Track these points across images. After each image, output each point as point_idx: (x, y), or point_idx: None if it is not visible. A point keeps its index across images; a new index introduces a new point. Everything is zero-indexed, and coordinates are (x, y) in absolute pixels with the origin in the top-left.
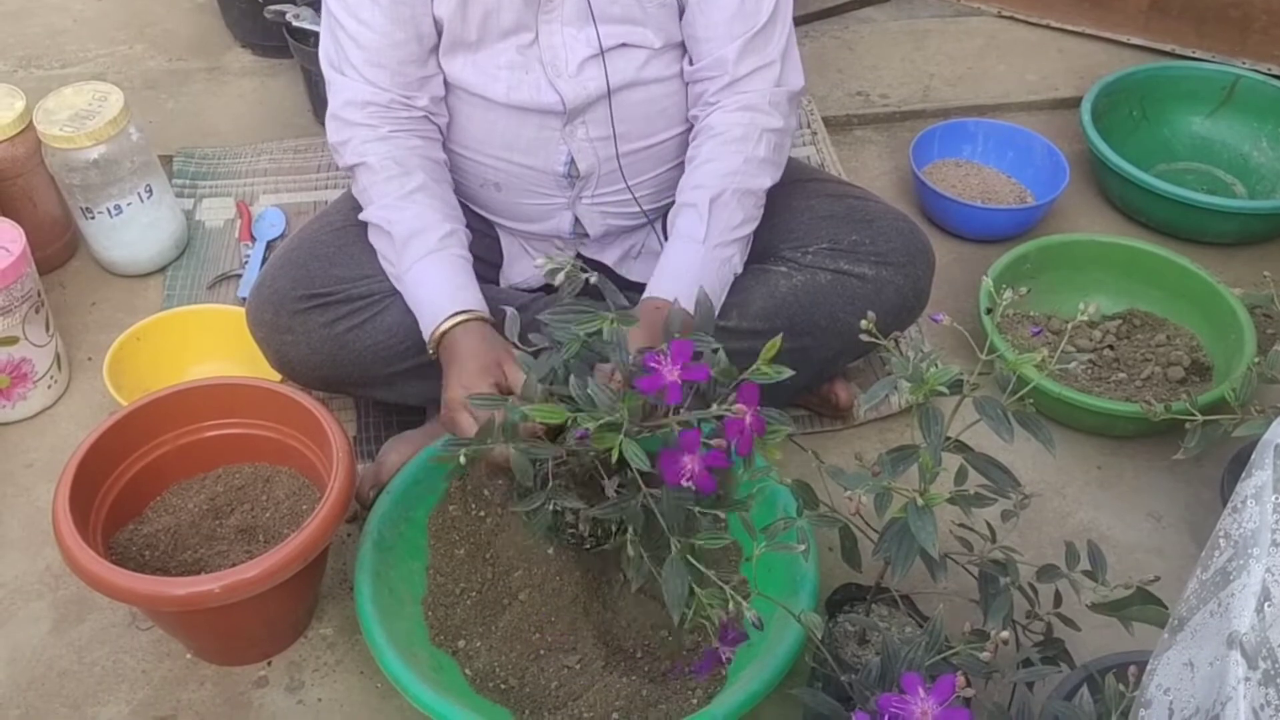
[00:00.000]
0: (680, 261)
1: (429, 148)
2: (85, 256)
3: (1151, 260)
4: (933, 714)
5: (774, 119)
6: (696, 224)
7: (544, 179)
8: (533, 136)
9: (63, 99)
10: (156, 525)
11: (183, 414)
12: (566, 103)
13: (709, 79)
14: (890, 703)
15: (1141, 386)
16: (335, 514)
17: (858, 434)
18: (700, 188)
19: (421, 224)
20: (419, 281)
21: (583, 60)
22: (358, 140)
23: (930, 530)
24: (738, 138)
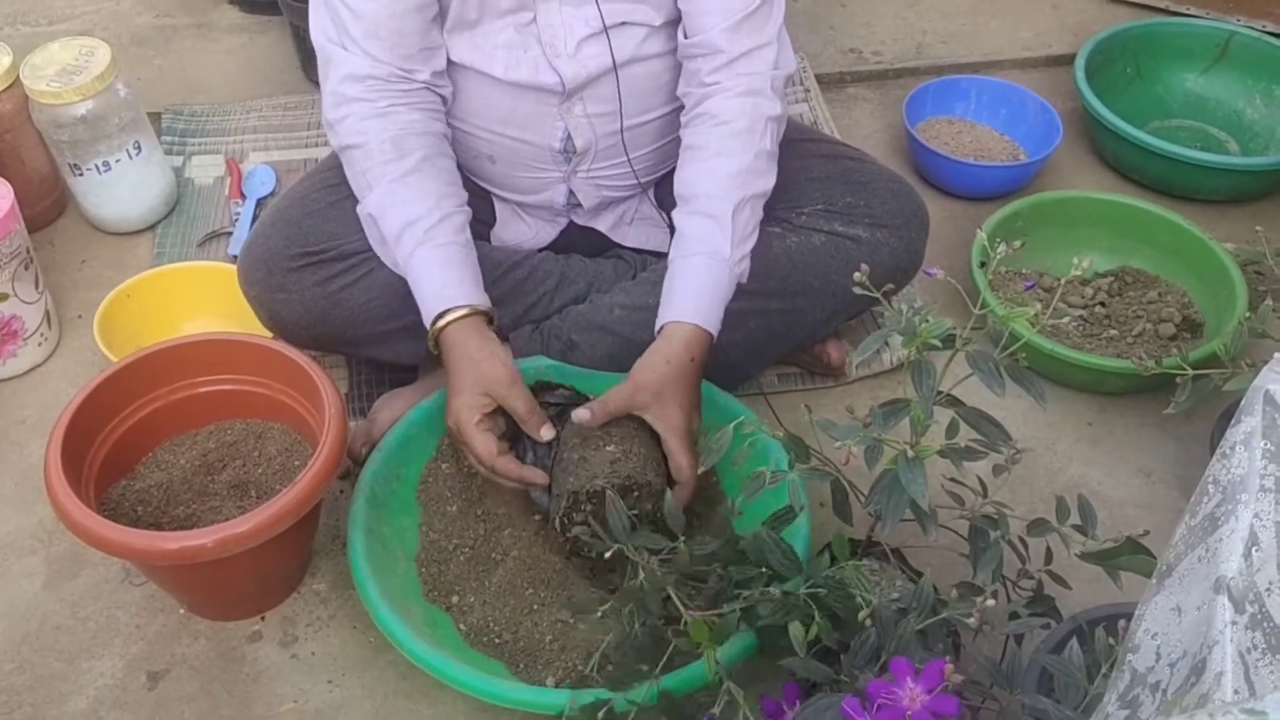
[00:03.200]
0: (707, 282)
1: (428, 121)
2: (74, 214)
3: (1144, 217)
4: (922, 701)
5: (775, 105)
6: (720, 240)
7: (540, 154)
8: (529, 112)
9: (49, 54)
10: (149, 481)
11: (175, 370)
12: (566, 82)
13: (703, 56)
14: (880, 690)
15: (1133, 343)
16: (327, 470)
17: (849, 391)
18: (716, 197)
19: (413, 213)
20: (416, 275)
21: (581, 39)
22: (355, 117)
23: (920, 481)
24: (744, 130)
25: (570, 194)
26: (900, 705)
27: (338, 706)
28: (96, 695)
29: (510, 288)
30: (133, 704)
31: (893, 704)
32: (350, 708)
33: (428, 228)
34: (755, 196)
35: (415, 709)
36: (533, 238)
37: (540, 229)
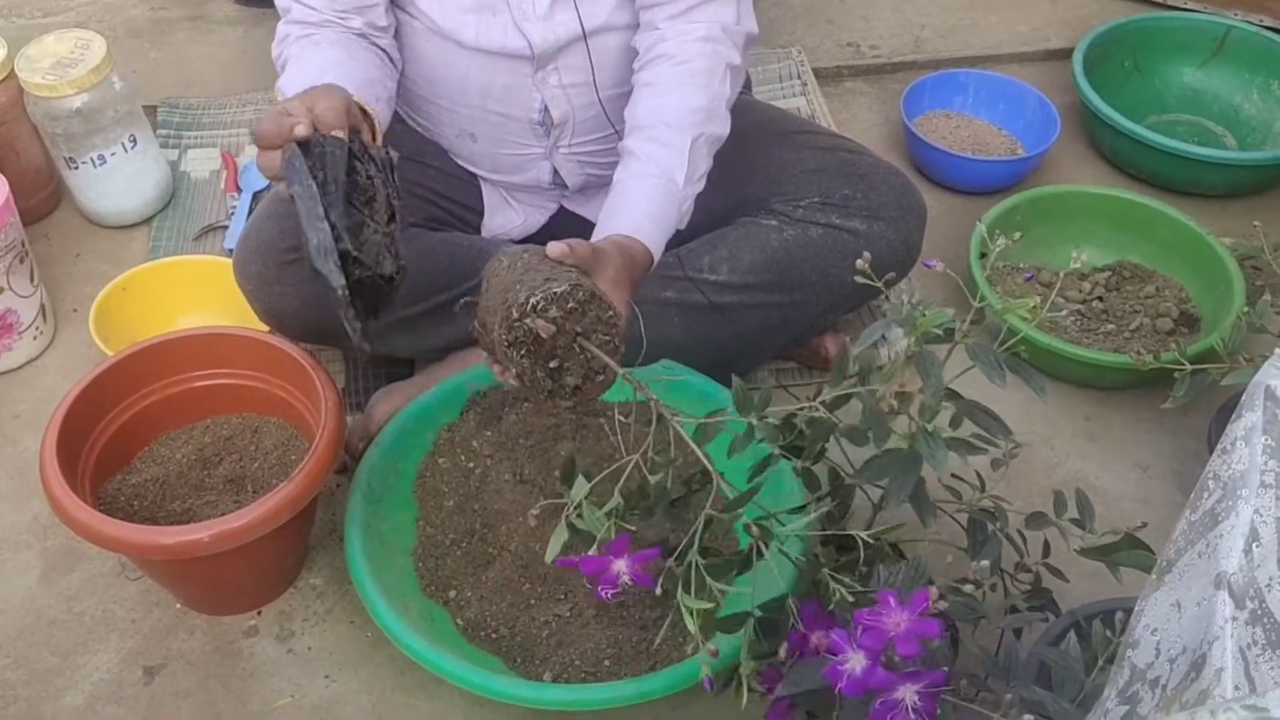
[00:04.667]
0: (657, 203)
1: (354, 45)
2: (69, 207)
3: (1142, 212)
4: (905, 624)
5: (735, 55)
6: (676, 163)
7: (519, 127)
8: (506, 84)
9: (44, 47)
10: (145, 475)
11: (171, 364)
12: (534, 47)
13: (659, 4)
14: (864, 616)
15: (1130, 338)
16: (324, 464)
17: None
18: (674, 126)
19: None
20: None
21: (551, 2)
22: (292, 37)
23: (942, 455)
24: (703, 70)
25: (554, 172)
26: (884, 628)
27: (334, 701)
28: (92, 690)
29: None
30: (129, 699)
31: (877, 626)
32: (347, 702)
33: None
34: (710, 138)
35: (412, 704)
36: (522, 224)
37: (529, 215)
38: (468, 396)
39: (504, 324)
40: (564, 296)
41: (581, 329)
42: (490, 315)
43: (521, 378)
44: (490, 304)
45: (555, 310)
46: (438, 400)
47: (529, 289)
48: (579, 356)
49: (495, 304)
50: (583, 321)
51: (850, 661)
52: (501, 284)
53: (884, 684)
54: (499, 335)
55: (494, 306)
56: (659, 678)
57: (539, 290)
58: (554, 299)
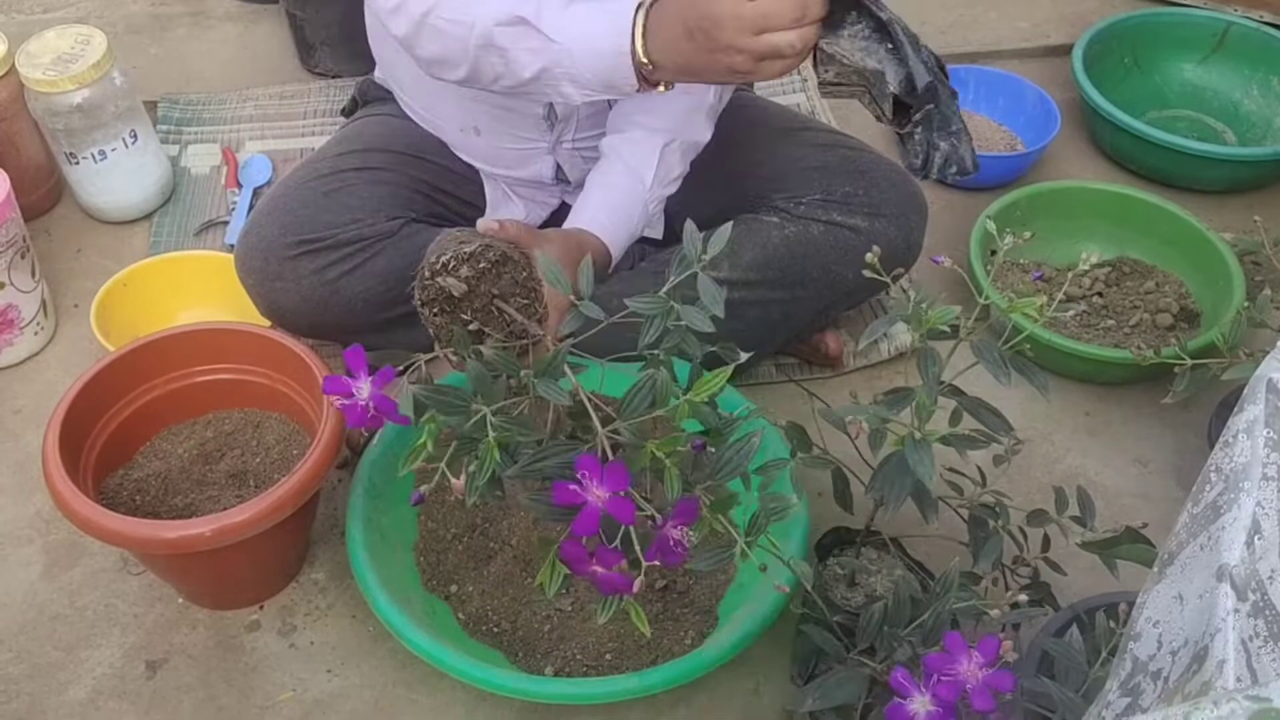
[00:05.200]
0: (621, 199)
1: None
2: (70, 203)
3: (1142, 207)
4: (980, 677)
5: None
6: (646, 163)
7: (523, 121)
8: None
9: (45, 42)
10: (147, 470)
11: (172, 359)
12: None
13: None
14: (936, 662)
15: (1130, 333)
16: (325, 459)
17: (847, 382)
18: (649, 129)
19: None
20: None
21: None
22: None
23: (928, 464)
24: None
25: (557, 167)
26: (959, 679)
27: (336, 695)
28: (95, 684)
29: None
30: (131, 693)
31: (953, 678)
32: (349, 697)
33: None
34: (685, 144)
35: (414, 698)
36: (524, 219)
37: (531, 210)
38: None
39: (419, 283)
40: (475, 256)
41: (498, 291)
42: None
43: (438, 337)
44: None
45: (466, 269)
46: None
47: (441, 250)
48: (498, 319)
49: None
50: (499, 284)
51: (914, 706)
52: (428, 253)
53: None
54: (416, 295)
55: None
56: (660, 672)
57: (450, 250)
58: (464, 258)
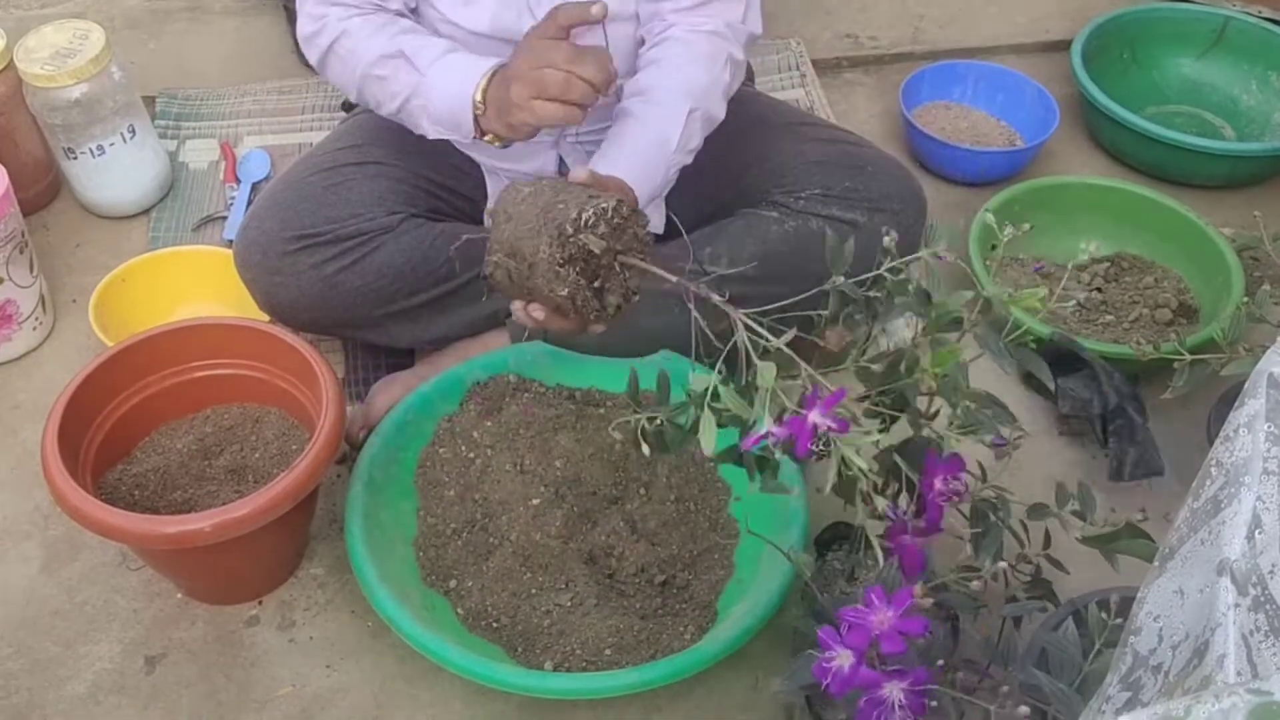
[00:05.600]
0: (651, 158)
1: (408, 24)
2: (68, 198)
3: (1140, 203)
4: (890, 622)
5: (738, 50)
6: (672, 128)
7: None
8: None
9: (43, 37)
10: (146, 465)
11: (171, 354)
12: None
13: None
14: (851, 613)
15: (1129, 329)
16: (325, 454)
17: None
18: (674, 92)
19: (429, 41)
20: (447, 69)
21: None
22: (333, 18)
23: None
24: (706, 53)
25: (560, 161)
26: (869, 626)
27: (336, 690)
28: (94, 679)
29: None
30: (130, 688)
31: (862, 624)
32: (348, 691)
33: (448, 45)
34: (706, 115)
35: (414, 693)
36: None
37: None
38: (468, 387)
39: (556, 241)
40: (612, 212)
41: (621, 247)
42: (529, 239)
43: (574, 298)
44: (524, 230)
45: (603, 226)
46: (438, 390)
47: (577, 205)
48: (617, 276)
49: (535, 227)
50: (622, 240)
51: (838, 659)
52: (536, 208)
53: (870, 682)
54: (548, 254)
55: (533, 230)
56: (659, 666)
57: (589, 206)
58: (602, 215)
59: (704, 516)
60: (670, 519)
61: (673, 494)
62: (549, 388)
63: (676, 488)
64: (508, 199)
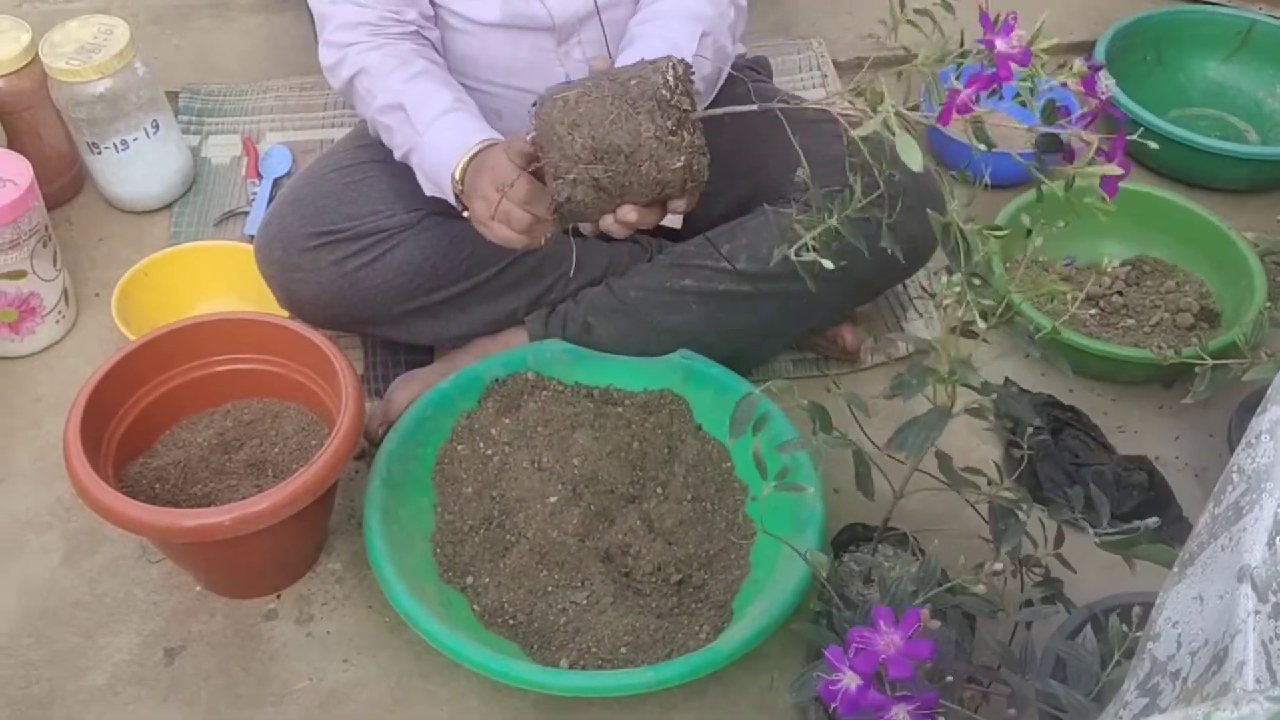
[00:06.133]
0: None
1: (426, 51)
2: (92, 192)
3: (1162, 206)
4: (897, 646)
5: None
6: (685, 44)
7: None
8: (529, 60)
9: (68, 32)
10: (166, 459)
11: (193, 348)
12: (554, 16)
13: None
14: (858, 635)
15: (1150, 333)
16: (344, 450)
17: (865, 377)
18: (683, 17)
19: (432, 93)
20: (439, 134)
21: None
22: (353, 53)
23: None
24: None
25: None
26: (876, 649)
27: (353, 685)
28: (114, 671)
29: (526, 271)
30: (150, 680)
31: (869, 649)
32: (365, 686)
33: (453, 99)
34: (716, 43)
35: (430, 689)
36: None
37: None
38: (486, 384)
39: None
40: (682, 68)
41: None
42: (619, 128)
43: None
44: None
45: (684, 84)
46: (457, 387)
47: (653, 73)
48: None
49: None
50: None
51: (844, 680)
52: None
53: (877, 704)
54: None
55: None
56: (675, 665)
57: (664, 69)
58: (677, 73)
59: (721, 516)
60: (687, 518)
61: (689, 493)
62: (567, 385)
63: (693, 487)
64: (556, 112)
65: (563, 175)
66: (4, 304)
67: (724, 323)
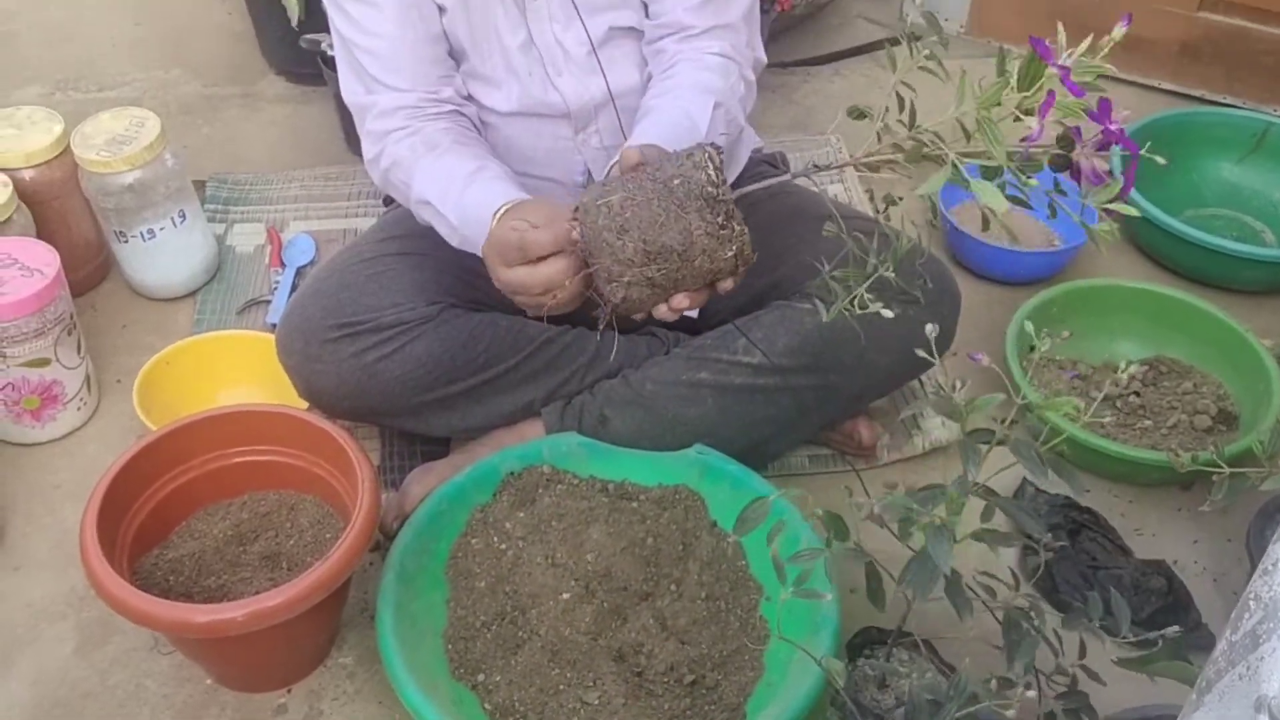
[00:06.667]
0: (681, 136)
1: (459, 129)
2: (117, 279)
3: (1179, 307)
4: None
5: (748, 72)
6: (700, 115)
7: (563, 192)
8: (549, 148)
9: (100, 124)
10: (182, 550)
11: (211, 440)
12: (569, 103)
13: (669, 36)
14: None
15: (1167, 434)
16: (359, 544)
17: (880, 474)
18: (697, 89)
19: (450, 172)
20: (471, 204)
21: (582, 58)
22: (390, 143)
23: (947, 550)
24: (718, 66)
25: (587, 170)
26: None
27: None
28: None
29: (544, 363)
30: None
31: None
32: None
33: (474, 168)
34: (729, 116)
35: None
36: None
37: None
38: (502, 477)
39: (709, 209)
40: (718, 157)
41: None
42: (669, 229)
43: (741, 250)
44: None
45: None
46: (472, 481)
47: (694, 169)
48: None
49: (667, 215)
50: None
51: None
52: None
53: None
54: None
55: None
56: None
57: (703, 164)
58: (716, 165)
59: (735, 616)
60: (701, 617)
61: (704, 591)
62: (582, 479)
63: (708, 585)
64: (603, 220)
65: (616, 279)
66: (27, 391)
67: (740, 416)
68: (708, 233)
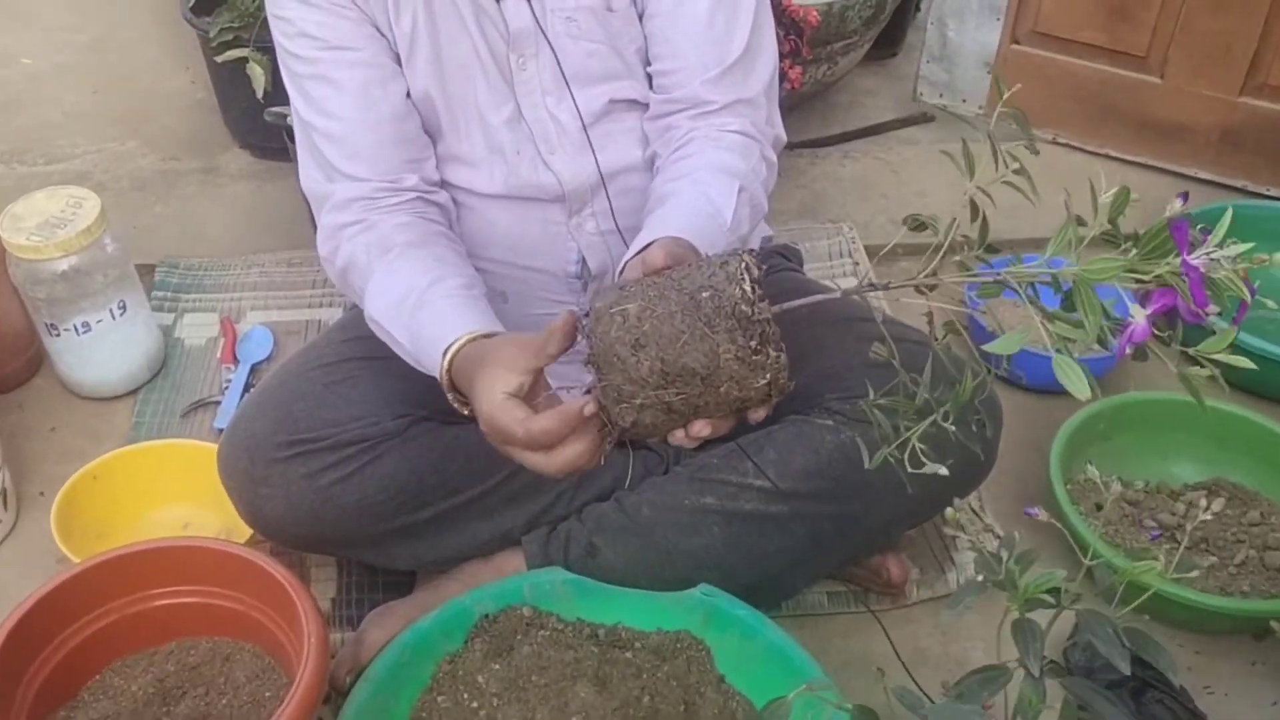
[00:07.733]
0: (705, 228)
1: (417, 221)
2: (49, 374)
3: (1238, 423)
4: None
5: (769, 151)
6: (723, 201)
7: (554, 282)
8: (539, 234)
9: (33, 204)
10: (93, 712)
11: (134, 578)
12: (564, 184)
13: (682, 111)
14: None
15: (1236, 574)
16: (303, 710)
17: (909, 615)
18: (720, 171)
19: (405, 284)
20: (422, 334)
21: (578, 133)
22: (344, 240)
23: None
24: (738, 145)
25: (582, 261)
26: None
27: None
28: None
29: (524, 485)
30: None
31: None
32: None
33: (427, 284)
34: (754, 201)
35: None
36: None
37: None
38: (475, 621)
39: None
40: (756, 269)
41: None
42: (693, 350)
43: (775, 380)
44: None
45: (760, 288)
46: (439, 625)
47: (726, 281)
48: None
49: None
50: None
51: None
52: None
53: None
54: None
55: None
56: None
57: (739, 276)
58: (754, 277)
59: None
60: None
61: None
62: (568, 623)
63: None
64: (616, 330)
65: (627, 400)
66: None
67: (750, 548)
68: (738, 357)
